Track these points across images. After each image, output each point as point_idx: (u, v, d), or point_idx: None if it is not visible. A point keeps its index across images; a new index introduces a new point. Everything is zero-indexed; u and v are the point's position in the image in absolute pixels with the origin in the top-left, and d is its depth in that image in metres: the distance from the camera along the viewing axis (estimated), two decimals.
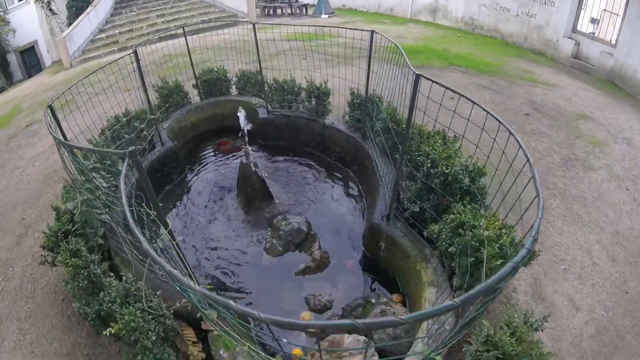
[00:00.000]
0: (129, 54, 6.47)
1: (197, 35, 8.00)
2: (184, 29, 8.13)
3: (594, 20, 14.00)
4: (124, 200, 2.12)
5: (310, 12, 20.65)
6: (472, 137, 3.65)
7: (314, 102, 7.77)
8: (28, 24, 19.54)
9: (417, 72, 3.83)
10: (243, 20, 18.13)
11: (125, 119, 6.75)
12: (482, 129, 3.13)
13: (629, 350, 4.30)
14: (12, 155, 8.97)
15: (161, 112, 7.84)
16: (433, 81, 3.69)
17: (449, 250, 3.87)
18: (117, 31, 17.41)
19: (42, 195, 6.79)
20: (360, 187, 7.19)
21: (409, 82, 4.26)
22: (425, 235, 4.54)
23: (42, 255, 4.35)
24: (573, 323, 3.87)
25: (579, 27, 14.10)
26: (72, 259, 3.68)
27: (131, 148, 2.52)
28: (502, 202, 3.26)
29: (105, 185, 4.92)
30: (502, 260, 3.40)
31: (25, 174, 8.10)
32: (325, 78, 7.58)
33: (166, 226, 2.82)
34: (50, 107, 4.70)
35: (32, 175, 7.92)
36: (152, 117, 6.92)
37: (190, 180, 7.66)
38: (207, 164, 8.14)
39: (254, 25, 7.36)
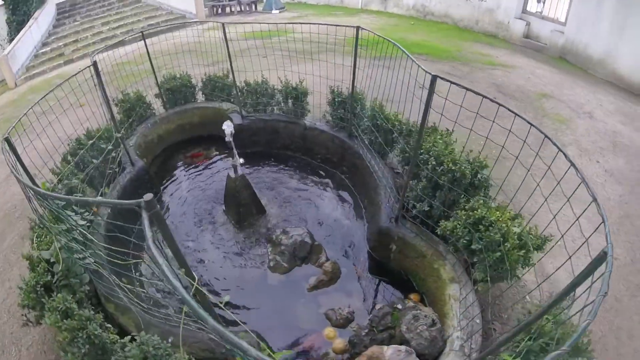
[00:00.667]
0: (89, 66, 5.63)
1: (148, 39, 7.14)
2: (143, 34, 7.30)
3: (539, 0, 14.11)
4: (178, 286, 1.56)
5: (260, 8, 19.84)
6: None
7: (290, 104, 7.21)
8: None
9: (433, 74, 3.64)
10: (192, 21, 17.17)
11: (90, 141, 5.96)
12: (524, 142, 3.11)
13: (628, 311, 4.62)
14: None
15: (125, 128, 7.04)
16: (452, 82, 3.49)
17: (471, 247, 3.81)
18: (61, 43, 15.98)
19: (5, 237, 5.86)
20: (353, 189, 6.76)
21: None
22: (437, 232, 4.42)
23: (22, 315, 3.61)
24: (575, 295, 3.70)
25: (528, 8, 14.15)
26: (65, 320, 3.00)
27: (148, 197, 1.94)
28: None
29: (81, 222, 4.20)
30: (523, 251, 3.52)
31: None
32: (302, 77, 7.03)
33: (194, 279, 2.25)
34: (7, 140, 3.91)
35: None
36: (119, 135, 6.15)
37: (168, 200, 6.92)
38: (182, 179, 7.41)
39: (223, 24, 6.69)
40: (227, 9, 19.14)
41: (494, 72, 11.55)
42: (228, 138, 5.54)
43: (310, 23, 6.40)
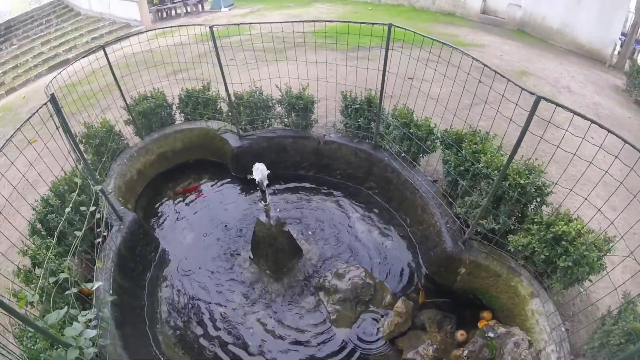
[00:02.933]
0: (45, 103, 3.81)
1: (92, 56, 5.21)
2: (104, 49, 5.38)
3: None
4: None
5: (207, 7, 17.48)
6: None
7: (294, 116, 5.64)
8: None
9: (538, 95, 3.05)
10: (138, 28, 14.82)
11: (58, 201, 4.19)
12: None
13: None
14: None
15: (100, 172, 5.23)
16: (557, 104, 3.00)
17: (559, 265, 3.40)
18: (0, 71, 13.27)
19: None
20: (388, 205, 5.41)
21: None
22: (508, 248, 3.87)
23: None
24: (615, 276, 3.36)
25: None
26: None
27: None
28: None
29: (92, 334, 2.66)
30: (598, 254, 3.31)
31: None
32: (305, 83, 5.49)
33: None
34: None
35: None
36: (98, 188, 4.37)
37: (173, 253, 5.21)
38: (179, 222, 5.66)
39: (211, 27, 4.94)
40: (173, 12, 16.76)
41: (468, 53, 10.47)
42: (259, 179, 3.98)
43: (324, 21, 4.91)
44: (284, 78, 5.54)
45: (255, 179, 4.10)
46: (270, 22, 5.11)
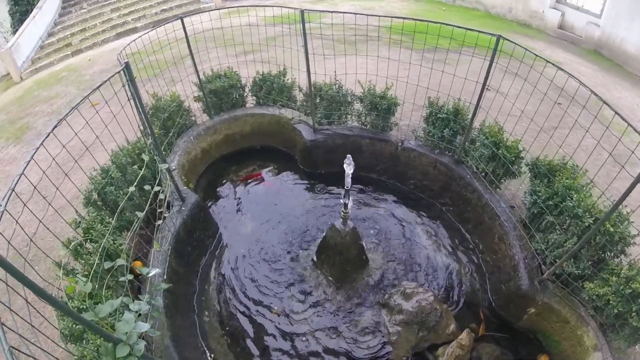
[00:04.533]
0: (119, 71, 3.37)
1: (162, 27, 4.72)
2: (182, 20, 4.94)
3: None
4: None
5: None
6: None
7: (374, 115, 5.06)
8: None
9: None
10: (208, 4, 14.49)
11: (119, 172, 3.82)
12: None
13: None
14: None
15: (165, 148, 4.84)
16: None
17: (632, 323, 3.14)
18: (68, 32, 13.24)
19: None
20: (460, 225, 4.82)
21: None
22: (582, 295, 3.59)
23: None
24: None
25: None
26: None
27: None
28: None
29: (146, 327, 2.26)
30: None
31: None
32: (389, 83, 4.89)
33: None
34: None
35: None
36: (166, 167, 3.95)
37: (230, 241, 4.81)
38: (240, 209, 5.25)
39: (302, 11, 4.39)
40: None
41: (546, 69, 9.62)
42: (349, 183, 3.45)
43: (424, 20, 4.41)
44: (360, 74, 4.99)
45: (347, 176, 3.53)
46: (361, 13, 4.55)
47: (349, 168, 3.42)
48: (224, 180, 5.66)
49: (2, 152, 7.03)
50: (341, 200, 3.87)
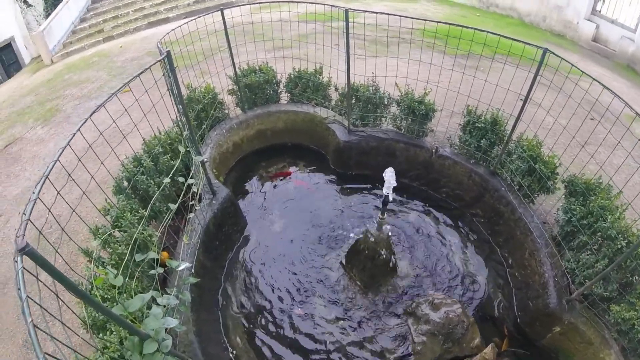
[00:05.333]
0: (160, 59, 3.32)
1: (191, 18, 4.62)
2: (222, 11, 4.87)
3: None
4: None
5: None
6: None
7: (410, 120, 4.95)
8: (1, 19, 14.94)
9: None
10: None
11: (151, 163, 3.82)
12: None
13: None
14: None
15: (198, 139, 4.79)
16: None
17: None
18: (100, 19, 13.40)
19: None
20: (490, 238, 4.69)
21: None
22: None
23: None
24: None
25: (597, 9, 11.74)
26: None
27: None
28: None
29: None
30: None
31: (10, 228, 4.97)
32: (428, 88, 4.78)
33: None
34: None
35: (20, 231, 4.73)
36: (201, 159, 3.91)
37: (257, 237, 4.77)
38: (268, 206, 5.19)
39: (346, 10, 4.31)
40: None
41: (580, 83, 9.39)
42: (388, 191, 3.35)
43: (472, 28, 4.32)
44: (396, 77, 4.87)
45: (385, 191, 3.45)
46: (396, 15, 4.43)
47: (389, 184, 3.34)
48: (254, 176, 5.61)
49: (30, 132, 7.10)
50: (377, 206, 3.80)
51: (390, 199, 3.63)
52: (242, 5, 5.60)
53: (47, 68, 11.31)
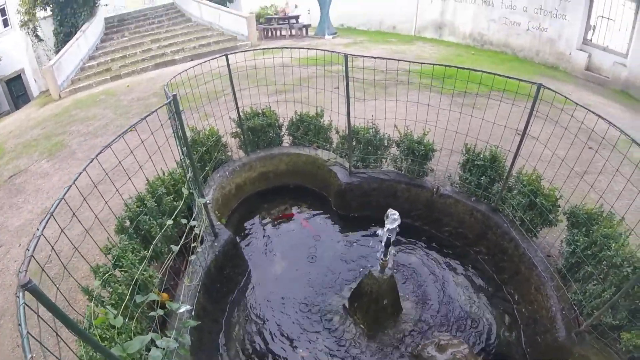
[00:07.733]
0: (167, 103, 3.40)
1: (195, 61, 4.76)
2: (227, 56, 5.00)
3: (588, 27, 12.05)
4: None
5: (311, 33, 17.08)
6: None
7: (410, 161, 4.98)
8: (13, 51, 15.44)
9: None
10: (244, 42, 14.89)
11: (154, 203, 3.83)
12: None
13: None
14: None
15: (201, 182, 4.82)
16: None
17: None
18: (108, 58, 13.83)
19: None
20: (495, 275, 4.60)
21: None
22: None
23: None
24: None
25: (589, 38, 12.03)
26: None
27: None
28: None
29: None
30: None
31: (9, 259, 4.94)
32: (427, 128, 4.84)
33: None
34: None
35: (19, 261, 4.76)
36: (203, 201, 3.93)
37: (259, 280, 4.72)
38: (268, 247, 5.15)
39: (346, 56, 4.43)
40: (278, 33, 16.74)
41: (575, 114, 9.48)
42: (389, 233, 3.33)
43: (466, 69, 4.47)
44: (394, 118, 4.95)
45: (385, 230, 3.42)
46: (394, 59, 4.55)
47: (391, 225, 3.32)
48: (256, 217, 5.60)
49: (35, 165, 7.17)
50: (379, 247, 3.76)
51: (392, 239, 3.59)
52: (250, 50, 5.73)
53: (54, 102, 11.54)
